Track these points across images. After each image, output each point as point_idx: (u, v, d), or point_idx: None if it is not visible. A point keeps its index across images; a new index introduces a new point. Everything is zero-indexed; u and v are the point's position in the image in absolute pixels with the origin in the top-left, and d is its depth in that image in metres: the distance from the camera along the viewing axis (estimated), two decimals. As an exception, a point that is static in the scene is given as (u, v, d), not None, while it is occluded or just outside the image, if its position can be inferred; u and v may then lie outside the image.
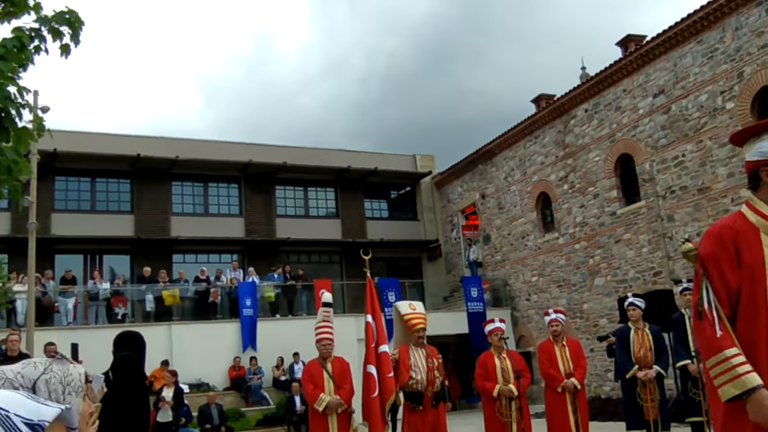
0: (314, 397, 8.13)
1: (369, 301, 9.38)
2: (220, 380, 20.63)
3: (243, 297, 21.66)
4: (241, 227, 27.29)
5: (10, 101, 6.44)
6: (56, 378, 2.00)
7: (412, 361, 8.68)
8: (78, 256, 24.64)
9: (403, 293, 24.00)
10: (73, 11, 7.18)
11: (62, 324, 20.35)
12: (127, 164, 25.49)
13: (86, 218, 24.70)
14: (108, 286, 21.64)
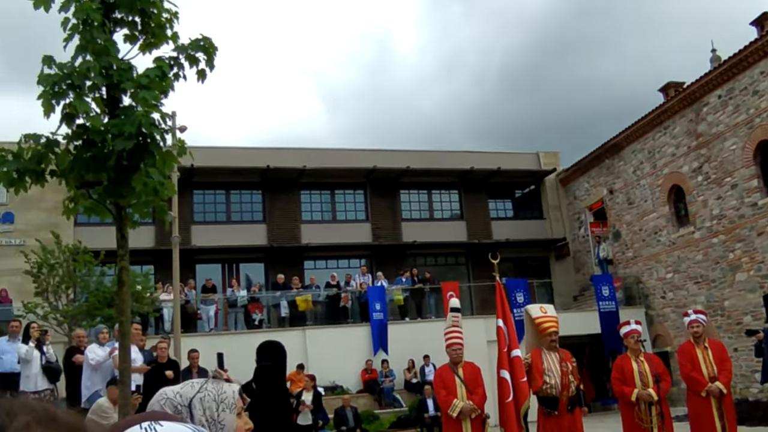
0: (447, 403, 8.17)
1: (499, 306, 9.35)
2: (354, 383, 21.05)
3: (372, 301, 22.01)
4: (368, 232, 27.75)
5: (155, 127, 6.86)
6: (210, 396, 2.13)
7: (545, 366, 8.57)
8: (216, 265, 25.86)
9: (532, 294, 23.67)
10: (207, 38, 7.57)
11: (204, 330, 21.41)
12: (258, 176, 26.49)
13: (223, 229, 25.88)
14: (245, 294, 22.57)
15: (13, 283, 21.54)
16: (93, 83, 6.92)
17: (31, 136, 6.93)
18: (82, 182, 7.21)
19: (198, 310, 21.81)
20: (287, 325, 22.11)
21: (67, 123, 6.86)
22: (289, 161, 26.32)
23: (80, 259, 18.77)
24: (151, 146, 6.88)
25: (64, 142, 7.04)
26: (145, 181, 6.94)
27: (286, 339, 17.07)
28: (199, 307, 21.89)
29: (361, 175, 27.70)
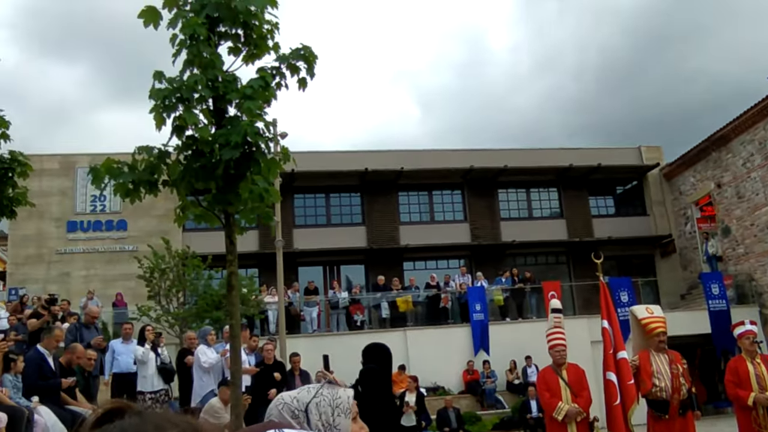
0: (552, 405, 8.03)
1: (604, 306, 9.14)
2: (455, 384, 20.98)
3: (473, 301, 21.88)
4: (466, 232, 27.62)
5: (260, 136, 7.06)
6: (326, 401, 2.17)
7: (654, 368, 8.29)
8: (318, 267, 26.34)
9: (636, 292, 22.96)
10: (307, 47, 7.72)
11: (308, 332, 21.82)
12: (357, 178, 26.81)
13: (323, 232, 26.34)
14: (346, 295, 22.88)
15: (127, 288, 22.60)
16: (200, 95, 7.18)
17: (144, 148, 7.25)
18: (191, 191, 7.50)
19: (301, 312, 22.26)
20: (388, 326, 22.25)
21: (177, 135, 7.15)
22: (387, 163, 26.51)
23: (189, 263, 19.48)
24: (257, 154, 7.08)
25: (175, 153, 7.34)
26: (251, 189, 7.14)
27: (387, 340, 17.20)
28: (302, 308, 22.34)
29: (458, 176, 27.60)
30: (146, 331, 11.70)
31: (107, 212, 24.87)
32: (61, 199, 24.72)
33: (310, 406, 2.14)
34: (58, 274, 24.08)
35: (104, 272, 24.19)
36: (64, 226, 24.56)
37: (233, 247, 7.28)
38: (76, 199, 24.88)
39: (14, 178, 10.69)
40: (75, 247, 24.51)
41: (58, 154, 25.42)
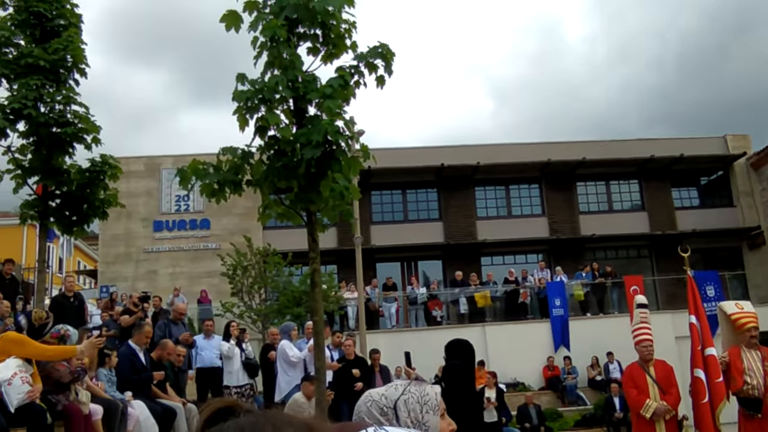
0: (639, 403, 7.83)
1: (691, 301, 8.88)
2: (535, 380, 20.73)
3: (552, 296, 21.56)
4: (544, 227, 27.23)
5: (340, 135, 7.14)
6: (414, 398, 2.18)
7: (745, 365, 7.99)
8: (395, 263, 26.44)
9: (723, 286, 22.15)
10: (385, 45, 7.75)
11: (387, 327, 21.93)
12: (433, 174, 26.76)
13: (400, 228, 26.40)
14: (424, 291, 22.89)
15: (211, 285, 23.20)
16: (281, 96, 7.31)
17: (228, 149, 7.43)
18: (274, 190, 7.64)
19: (380, 308, 22.39)
20: (467, 322, 22.16)
21: (260, 135, 7.31)
22: (463, 158, 26.36)
23: (270, 260, 19.86)
24: (337, 153, 7.16)
25: (258, 153, 7.49)
26: (332, 187, 7.23)
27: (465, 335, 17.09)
28: (381, 304, 22.47)
29: (535, 169, 27.22)
30: (231, 327, 11.98)
31: (191, 212, 25.56)
32: (147, 200, 25.55)
33: (399, 404, 2.14)
34: (146, 272, 24.90)
35: (189, 270, 24.88)
36: (150, 225, 25.38)
37: (316, 245, 7.38)
38: (161, 200, 25.68)
39: (105, 181, 11.11)
40: (161, 246, 25.29)
41: (143, 156, 26.27)
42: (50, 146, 10.76)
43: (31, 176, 10.96)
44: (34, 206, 11.00)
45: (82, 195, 10.95)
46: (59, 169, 10.92)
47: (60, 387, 7.46)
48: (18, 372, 6.62)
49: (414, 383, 2.26)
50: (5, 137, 10.75)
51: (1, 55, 10.99)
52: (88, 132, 10.94)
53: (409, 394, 2.17)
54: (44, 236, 11.32)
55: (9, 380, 6.51)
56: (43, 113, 10.74)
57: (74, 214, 11.17)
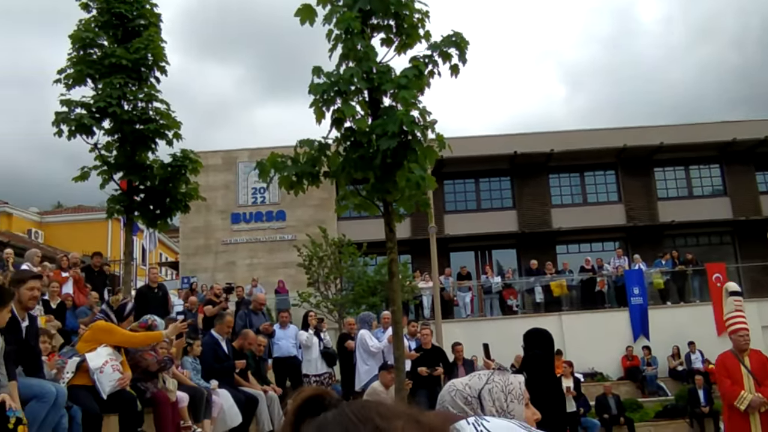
0: (734, 394, 7.54)
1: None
2: (614, 370, 20.32)
3: (630, 285, 21.06)
4: (621, 213, 26.61)
5: (415, 125, 7.13)
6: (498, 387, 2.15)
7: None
8: (469, 252, 26.30)
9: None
10: (458, 33, 7.69)
11: (462, 317, 21.86)
12: (506, 162, 26.48)
13: (474, 217, 26.23)
14: (499, 280, 22.69)
15: (288, 275, 23.56)
16: (357, 88, 7.35)
17: (305, 141, 7.51)
18: (350, 181, 7.68)
19: (455, 297, 22.31)
20: (542, 311, 21.88)
21: (336, 127, 7.36)
22: (536, 146, 25.98)
23: (345, 251, 20.00)
24: (413, 143, 7.16)
25: (334, 145, 7.55)
26: (408, 177, 7.22)
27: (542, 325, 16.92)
28: (456, 294, 22.39)
29: (611, 155, 26.60)
30: (309, 317, 12.13)
31: (267, 204, 25.98)
32: (225, 193, 26.09)
33: (483, 393, 2.12)
34: (225, 263, 25.46)
35: (266, 260, 25.32)
36: (228, 218, 25.92)
37: (393, 235, 7.40)
38: (238, 192, 26.18)
39: (186, 175, 11.40)
40: (239, 238, 25.81)
41: (220, 150, 26.82)
42: (134, 143, 11.11)
43: (116, 172, 11.35)
44: (119, 201, 11.38)
45: (165, 189, 11.28)
46: (143, 164, 11.28)
47: (148, 375, 7.70)
48: (109, 360, 6.85)
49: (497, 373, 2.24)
50: (92, 135, 11.14)
51: (86, 56, 11.39)
52: (169, 128, 11.25)
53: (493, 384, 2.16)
54: (130, 230, 11.70)
55: (101, 368, 6.75)
56: (127, 111, 11.09)
57: (158, 207, 11.51)
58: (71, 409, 6.20)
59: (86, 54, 11.38)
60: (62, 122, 10.92)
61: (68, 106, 11.06)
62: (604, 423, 16.48)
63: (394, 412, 0.98)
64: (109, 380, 6.77)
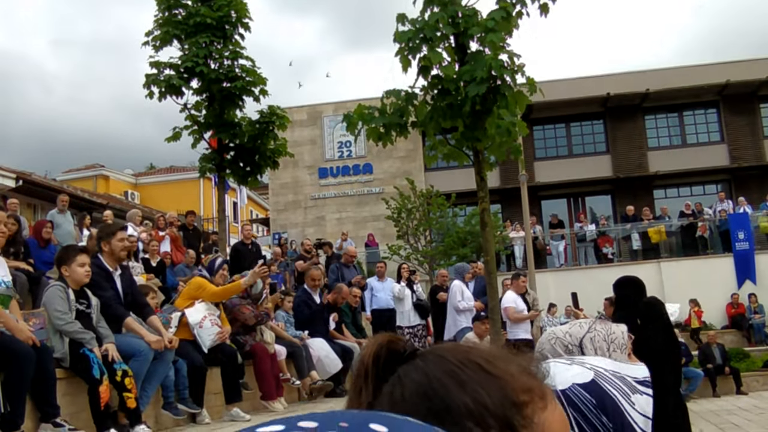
0: None
1: None
2: (717, 318, 19.76)
3: (735, 229, 20.30)
4: (723, 154, 25.51)
5: (504, 69, 6.99)
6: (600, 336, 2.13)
7: None
8: (561, 200, 25.88)
9: None
10: (547, -31, 7.44)
11: (555, 266, 21.62)
12: (598, 105, 25.72)
13: (565, 163, 25.70)
14: (593, 228, 22.27)
15: (377, 228, 23.80)
16: (442, 34, 7.25)
17: (392, 92, 7.49)
18: (439, 130, 7.64)
19: (547, 246, 22.07)
20: (640, 258, 21.38)
21: (423, 75, 7.30)
22: (631, 86, 25.07)
23: (433, 202, 20.01)
24: (503, 88, 7.03)
25: (421, 94, 7.50)
26: (498, 124, 7.13)
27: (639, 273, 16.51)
28: (548, 243, 22.14)
29: (712, 92, 25.43)
30: (402, 269, 12.25)
31: (354, 157, 26.16)
32: (312, 148, 26.40)
33: (585, 341, 2.12)
34: (314, 218, 25.91)
35: (355, 214, 25.62)
36: (316, 172, 26.27)
37: (484, 184, 7.34)
38: (324, 147, 26.44)
39: (274, 131, 11.59)
40: (327, 192, 26.16)
41: (305, 105, 27.08)
42: (222, 101, 11.35)
43: (206, 131, 11.65)
44: (211, 159, 11.70)
45: (254, 146, 11.51)
46: (231, 122, 11.52)
47: (247, 329, 7.98)
48: (207, 315, 7.12)
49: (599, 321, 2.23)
50: (181, 95, 11.44)
51: (171, 17, 11.64)
52: (255, 84, 11.43)
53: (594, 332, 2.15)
54: (223, 187, 12.03)
55: (200, 323, 7.03)
56: (214, 69, 11.32)
57: (247, 165, 11.78)
58: (176, 362, 6.51)
59: (171, 15, 11.62)
60: (152, 84, 11.26)
61: (157, 67, 11.38)
62: (708, 373, 16.09)
63: (500, 356, 0.95)
64: (209, 334, 7.05)
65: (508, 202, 24.32)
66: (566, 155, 26.26)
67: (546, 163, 25.80)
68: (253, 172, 11.85)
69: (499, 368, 0.88)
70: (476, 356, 0.89)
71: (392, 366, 0.94)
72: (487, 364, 0.90)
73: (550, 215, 23.42)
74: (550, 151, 26.39)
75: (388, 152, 22.58)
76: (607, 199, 25.98)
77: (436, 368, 0.88)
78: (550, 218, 23.16)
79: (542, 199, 25.57)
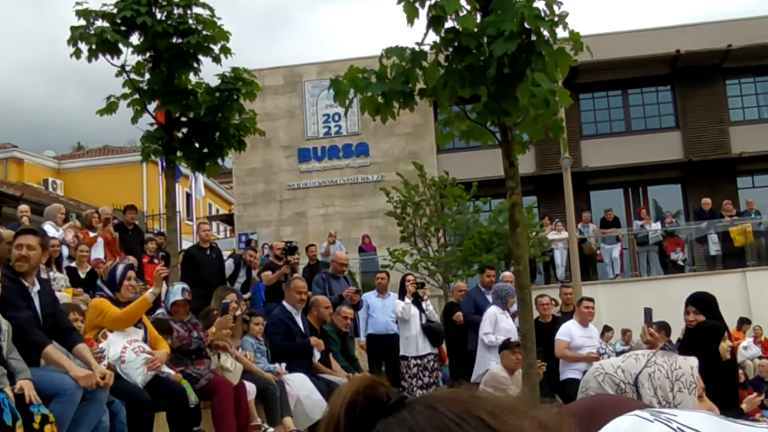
0: None
1: None
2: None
3: None
4: (832, 131, 25.59)
5: (541, 20, 6.97)
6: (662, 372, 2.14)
7: None
8: (616, 191, 25.94)
9: None
10: None
11: (608, 277, 21.67)
12: (665, 66, 25.73)
13: (621, 142, 25.72)
14: (658, 227, 22.31)
15: (375, 227, 23.85)
16: (460, -27, 7.22)
17: (393, 50, 7.48)
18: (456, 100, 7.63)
19: (598, 251, 22.10)
20: (719, 267, 21.47)
21: (434, 28, 7.29)
22: (707, 41, 25.08)
23: (448, 193, 19.98)
24: (538, 45, 7.02)
25: (433, 53, 7.49)
26: (533, 92, 7.12)
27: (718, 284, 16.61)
28: (599, 246, 22.18)
29: (815, 49, 25.47)
30: (407, 282, 12.21)
31: (344, 134, 26.16)
32: (289, 122, 26.39)
33: (641, 378, 2.13)
34: (292, 215, 25.94)
35: (346, 209, 25.64)
36: (295, 155, 26.27)
37: (514, 170, 7.35)
38: (306, 121, 26.44)
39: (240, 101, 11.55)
40: (309, 181, 26.18)
41: (281, 66, 27.11)
42: (171, 61, 11.30)
43: (151, 101, 11.60)
44: (156, 138, 11.65)
45: (213, 121, 11.46)
46: (184, 90, 11.47)
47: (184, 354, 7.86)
48: (127, 343, 6.97)
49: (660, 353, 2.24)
50: (118, 54, 11.39)
51: (104, -49, 11.59)
52: (214, 41, 11.37)
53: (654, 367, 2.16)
54: (172, 175, 12.01)
55: (120, 357, 6.85)
56: (160, 20, 11.26)
57: (205, 145, 11.73)
58: (112, 404, 6.50)
59: (104, -52, 11.57)
60: (80, 39, 11.18)
61: (86, 18, 11.30)
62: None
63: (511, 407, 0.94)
64: (136, 368, 6.89)
65: (546, 193, 24.36)
66: (622, 132, 26.31)
67: (596, 143, 25.84)
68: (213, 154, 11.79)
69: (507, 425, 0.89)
70: (478, 408, 0.91)
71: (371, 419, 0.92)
72: (492, 419, 0.89)
73: (605, 211, 23.38)
74: (602, 127, 26.45)
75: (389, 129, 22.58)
76: (676, 190, 26.05)
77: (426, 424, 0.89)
78: (605, 214, 23.13)
79: (591, 190, 25.62)
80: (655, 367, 2.16)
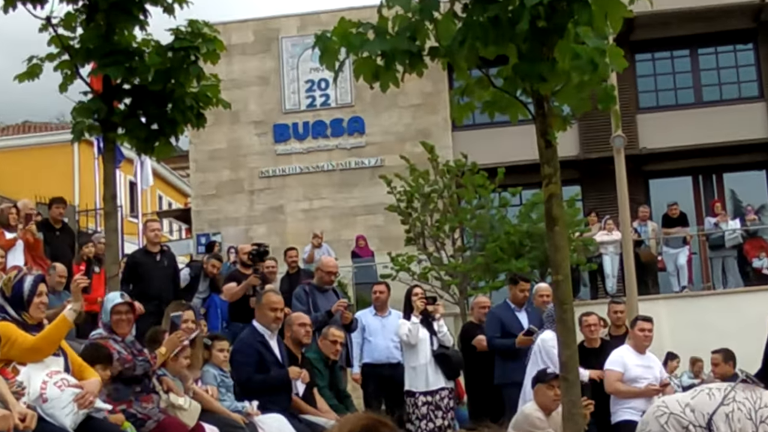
0: None
1: None
2: None
3: None
4: None
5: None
6: (742, 411, 2.15)
7: None
8: (683, 179, 25.89)
9: None
10: None
11: (672, 290, 21.62)
12: (747, 18, 25.68)
13: (689, 117, 25.64)
14: (737, 225, 22.28)
15: (372, 226, 23.82)
16: None
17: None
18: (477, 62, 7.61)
19: (659, 257, 22.08)
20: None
21: (449, -30, 7.28)
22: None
23: (467, 182, 19.90)
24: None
25: (447, 3, 7.48)
26: (576, 51, 7.09)
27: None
28: (661, 251, 22.15)
29: None
30: (413, 296, 12.18)
31: (333, 106, 26.09)
32: (262, 91, 26.31)
33: (716, 419, 2.15)
34: (266, 210, 25.88)
35: (334, 203, 25.58)
36: (269, 132, 26.19)
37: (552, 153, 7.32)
38: (283, 89, 26.36)
39: (198, 63, 11.51)
40: (288, 166, 26.11)
41: (251, 19, 27.02)
42: (110, 12, 11.27)
43: (84, 63, 11.57)
44: (93, 112, 11.61)
45: (165, 89, 11.43)
46: (127, 49, 11.44)
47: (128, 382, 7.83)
48: (47, 377, 6.84)
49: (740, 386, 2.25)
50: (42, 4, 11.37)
51: None
52: (166, -15, 11.36)
53: (733, 404, 2.17)
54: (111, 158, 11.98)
55: (41, 395, 6.71)
56: (96, -41, 11.25)
57: (154, 120, 11.70)
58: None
59: None
60: (-9, -17, 11.18)
61: (-1, -46, 11.30)
62: None
63: None
64: (62, 407, 6.75)
65: (593, 182, 24.37)
66: (691, 104, 26.25)
67: (657, 118, 25.82)
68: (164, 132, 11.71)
69: None
70: None
71: None
72: None
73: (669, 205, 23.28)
74: (665, 98, 26.41)
75: (391, 98, 22.56)
76: (760, 177, 26.00)
77: None
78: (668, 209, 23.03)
79: (650, 178, 25.64)
80: (734, 405, 2.16)
